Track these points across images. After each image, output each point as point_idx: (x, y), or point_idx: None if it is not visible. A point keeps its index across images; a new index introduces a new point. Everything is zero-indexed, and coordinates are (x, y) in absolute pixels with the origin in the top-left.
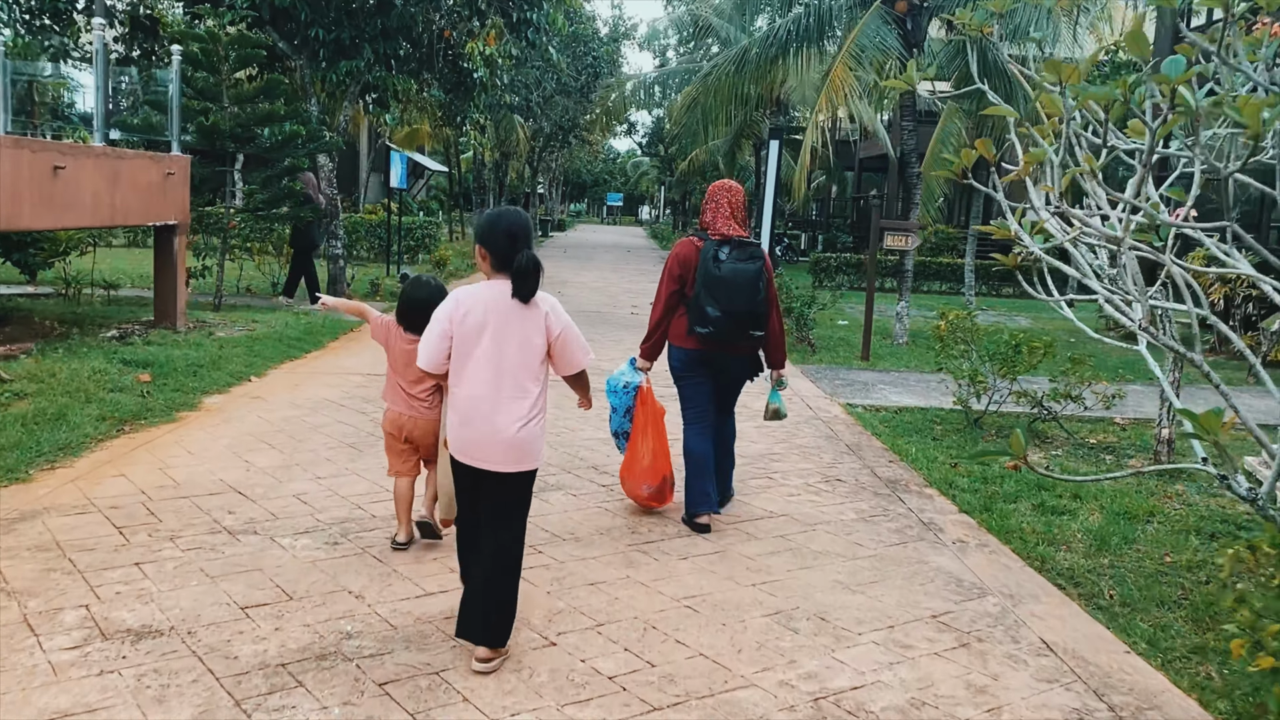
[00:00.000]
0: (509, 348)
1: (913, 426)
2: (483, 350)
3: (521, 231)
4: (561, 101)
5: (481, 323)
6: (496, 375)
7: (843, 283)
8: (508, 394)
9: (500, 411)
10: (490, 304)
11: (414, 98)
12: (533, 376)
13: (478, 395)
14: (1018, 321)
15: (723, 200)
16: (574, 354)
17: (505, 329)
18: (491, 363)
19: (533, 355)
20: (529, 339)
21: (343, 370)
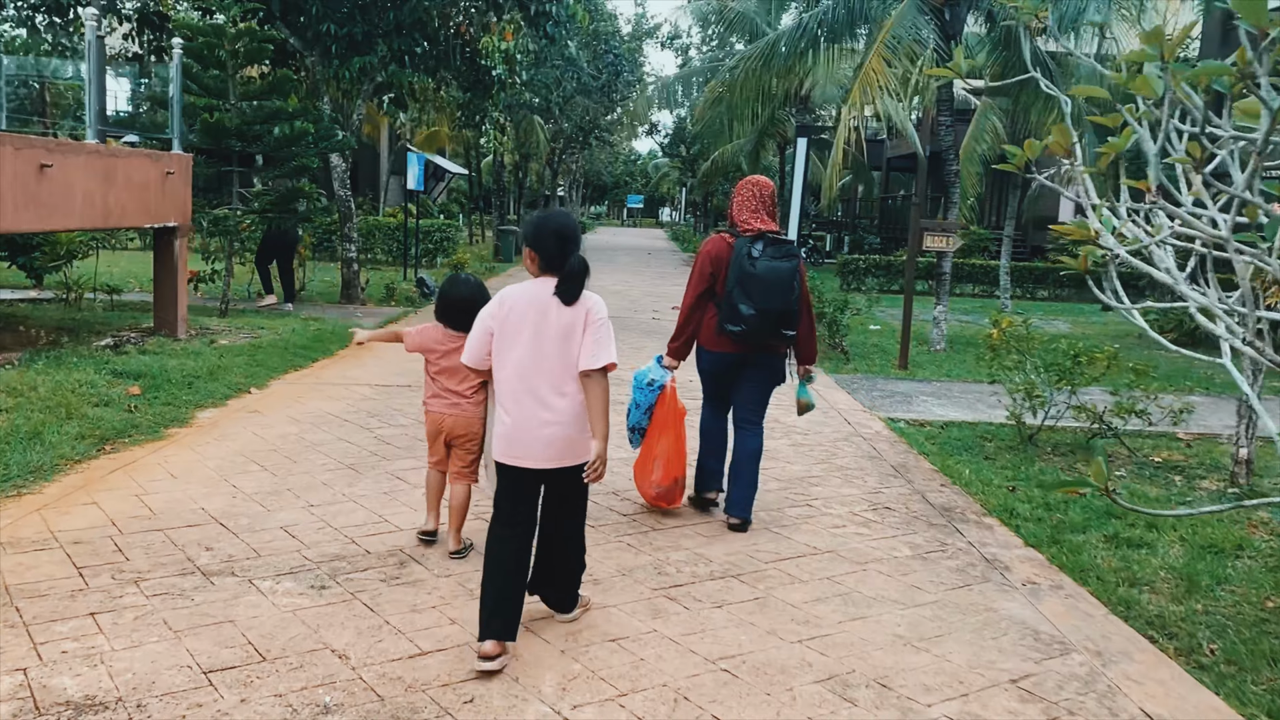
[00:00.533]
0: (551, 346)
1: (961, 444)
2: (525, 348)
3: (570, 233)
4: (582, 101)
5: (524, 321)
6: (538, 373)
7: (872, 285)
8: (549, 392)
9: (542, 409)
10: (534, 303)
11: (431, 97)
12: (574, 375)
13: (519, 393)
14: (1056, 326)
15: (752, 195)
16: (598, 347)
17: (548, 328)
18: (533, 361)
19: (573, 354)
20: (571, 338)
21: (349, 381)
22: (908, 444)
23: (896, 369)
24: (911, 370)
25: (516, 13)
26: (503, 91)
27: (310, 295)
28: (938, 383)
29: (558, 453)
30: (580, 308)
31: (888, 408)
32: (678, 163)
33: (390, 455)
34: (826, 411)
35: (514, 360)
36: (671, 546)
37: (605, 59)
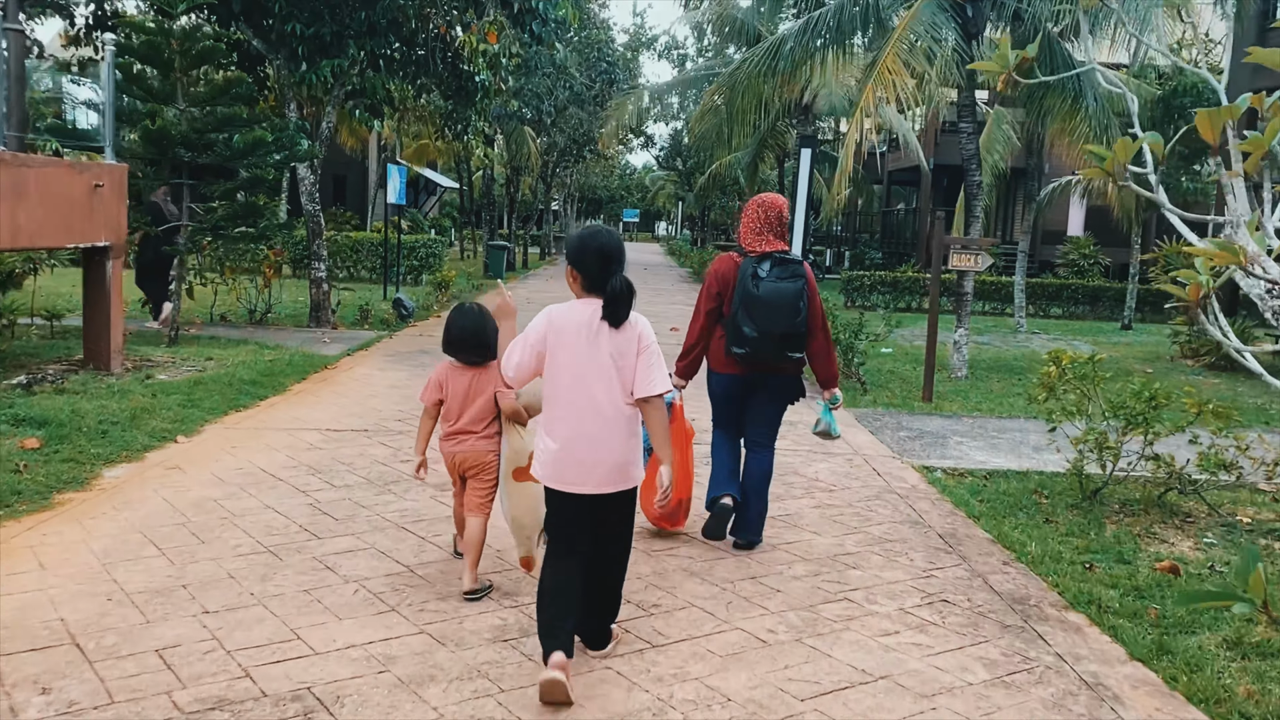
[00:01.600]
0: (601, 370)
1: (1012, 500)
2: (576, 373)
3: (614, 252)
4: (575, 113)
5: (572, 343)
6: (591, 399)
7: (878, 303)
8: (606, 416)
9: (598, 434)
10: (581, 325)
11: (412, 105)
12: (626, 398)
13: (573, 420)
14: (1078, 347)
15: (757, 216)
16: (653, 373)
17: (597, 351)
18: (586, 386)
19: (625, 378)
20: (622, 361)
21: (297, 425)
22: (951, 503)
23: (920, 402)
24: (937, 403)
25: (499, 11)
26: (487, 99)
27: (277, 318)
28: (969, 419)
29: (608, 478)
30: (631, 331)
31: (919, 452)
32: (674, 176)
33: (323, 531)
34: (851, 458)
35: (563, 383)
36: (676, 676)
37: (598, 67)
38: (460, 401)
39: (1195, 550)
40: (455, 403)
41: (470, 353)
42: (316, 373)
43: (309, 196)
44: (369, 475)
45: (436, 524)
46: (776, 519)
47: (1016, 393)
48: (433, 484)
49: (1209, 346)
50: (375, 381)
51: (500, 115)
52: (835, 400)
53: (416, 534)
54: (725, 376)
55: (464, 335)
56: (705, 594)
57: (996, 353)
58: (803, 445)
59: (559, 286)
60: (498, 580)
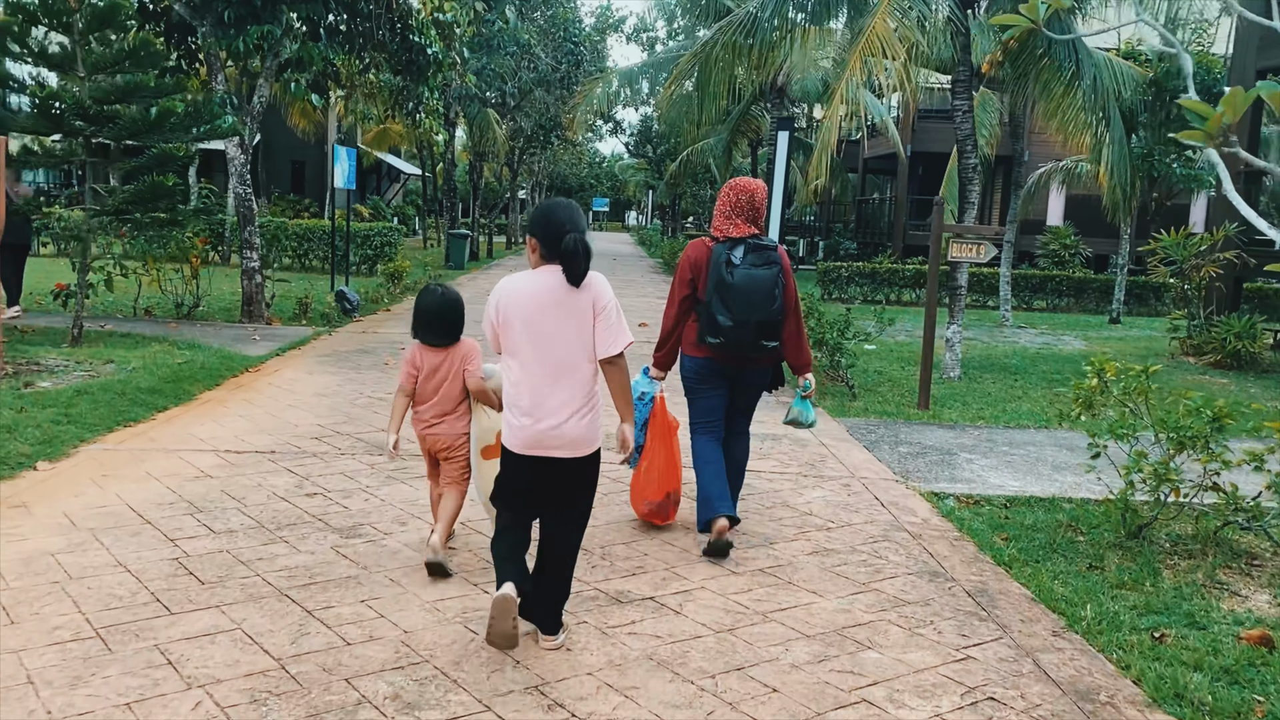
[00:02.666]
0: (559, 334)
1: (1044, 538)
2: (532, 338)
3: (568, 216)
4: (541, 96)
5: (528, 311)
6: (548, 362)
7: (855, 295)
8: (564, 381)
9: (556, 398)
10: (537, 291)
11: (360, 81)
12: (587, 360)
13: (532, 384)
14: (1068, 342)
15: (730, 200)
16: (613, 333)
17: (554, 315)
18: (542, 350)
19: (585, 339)
20: (579, 323)
21: (193, 444)
22: (975, 544)
23: (915, 410)
24: (934, 410)
25: None
26: (440, 73)
27: (208, 312)
28: (974, 430)
29: (572, 442)
30: (586, 293)
31: (925, 474)
32: (644, 163)
33: (180, 602)
34: (848, 482)
35: (521, 350)
36: None
37: (564, 48)
38: (431, 383)
39: (1275, 606)
40: (426, 384)
41: (437, 335)
42: (234, 377)
43: (239, 178)
44: (260, 516)
45: (330, 588)
46: (767, 571)
47: (1017, 396)
48: (336, 526)
49: (1213, 343)
50: (300, 388)
51: (461, 96)
52: (807, 387)
53: (302, 605)
54: (697, 358)
55: (429, 317)
56: (676, 698)
57: (985, 349)
58: (790, 467)
59: None
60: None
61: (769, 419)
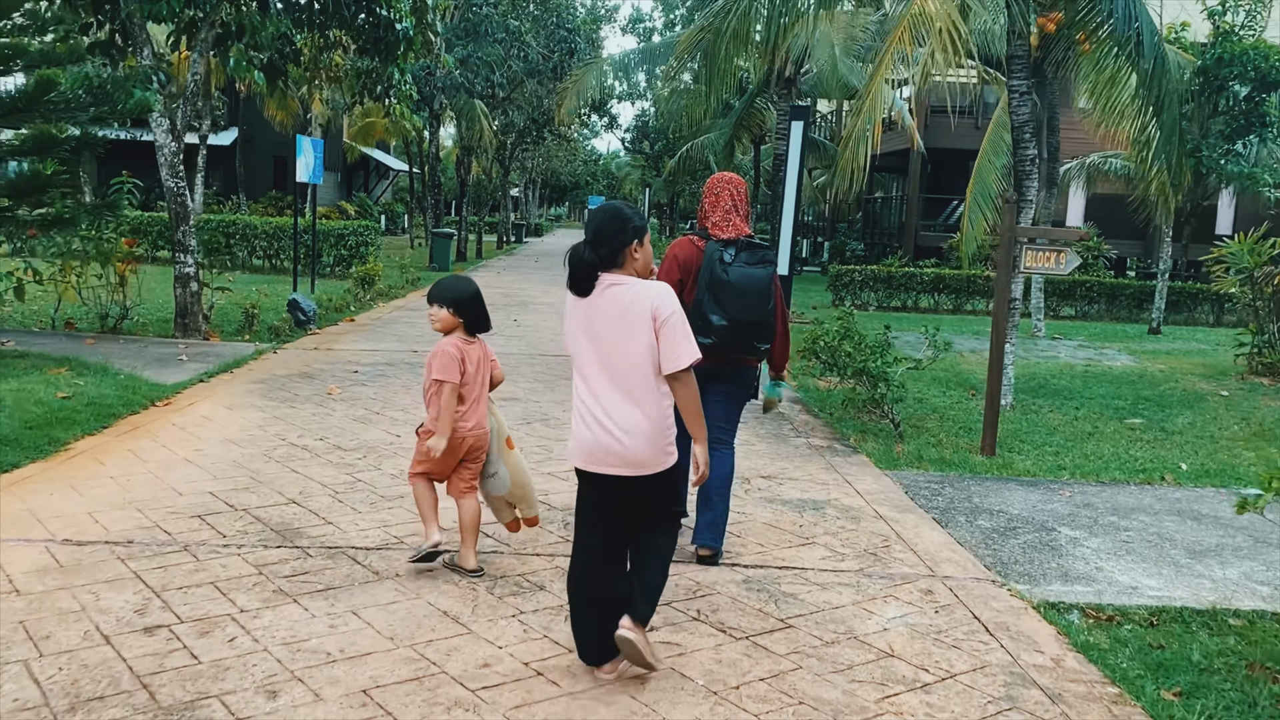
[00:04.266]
0: (619, 345)
1: (1232, 690)
2: (591, 350)
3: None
4: (531, 86)
5: (587, 320)
6: (610, 374)
7: (868, 300)
8: (626, 395)
9: (626, 413)
10: (591, 306)
11: (325, 63)
12: (651, 374)
13: (600, 399)
14: (1112, 358)
15: (725, 194)
16: (676, 346)
17: (613, 326)
18: (603, 362)
19: (648, 351)
20: (640, 334)
21: (20, 529)
22: (1142, 709)
23: (979, 456)
24: (1002, 456)
25: None
26: (411, 51)
27: (136, 325)
28: (1061, 487)
29: (634, 460)
30: (644, 303)
31: (1027, 568)
32: (641, 160)
33: None
34: (930, 588)
35: (583, 362)
36: None
37: (557, 35)
38: (476, 377)
39: None
40: (472, 379)
41: (487, 321)
42: (133, 415)
43: (169, 169)
44: (54, 679)
45: None
46: None
47: (1088, 432)
48: (165, 701)
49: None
50: (209, 431)
51: (446, 86)
52: (781, 384)
53: None
54: None
55: (480, 303)
56: None
57: (1028, 367)
58: (844, 559)
59: (510, 279)
60: None
61: (805, 478)
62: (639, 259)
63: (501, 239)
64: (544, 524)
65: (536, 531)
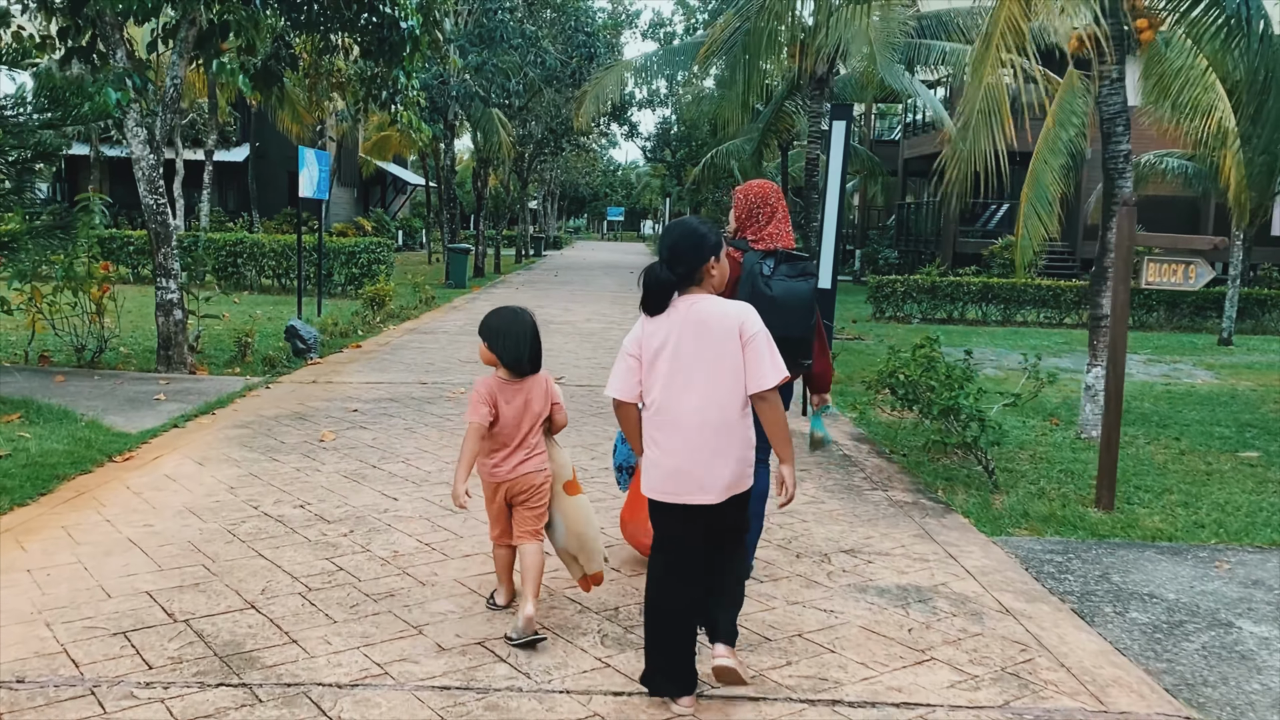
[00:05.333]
0: (704, 366)
1: None
2: (674, 371)
3: (674, 240)
4: (550, 95)
5: (669, 340)
6: (700, 396)
7: (911, 313)
8: (713, 419)
9: (709, 439)
10: (672, 327)
11: (326, 67)
12: (736, 395)
13: (685, 422)
14: (1189, 373)
15: (773, 202)
16: (763, 364)
17: (697, 345)
18: (686, 384)
19: (733, 373)
20: (725, 355)
21: None
22: None
23: (1093, 508)
24: (1120, 508)
25: None
26: (418, 52)
27: (116, 357)
28: (1218, 555)
29: (729, 484)
30: (731, 320)
31: (1226, 694)
32: (662, 169)
33: None
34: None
35: (662, 385)
36: None
37: (575, 39)
38: (515, 419)
39: None
40: (509, 421)
41: (533, 362)
42: (84, 474)
43: (148, 184)
44: None
45: None
46: None
47: (1203, 471)
48: None
49: None
50: (171, 495)
51: (460, 95)
52: (826, 408)
53: None
54: None
55: (525, 341)
56: None
57: None
58: (980, 684)
59: (528, 296)
60: None
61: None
62: (715, 275)
63: (520, 252)
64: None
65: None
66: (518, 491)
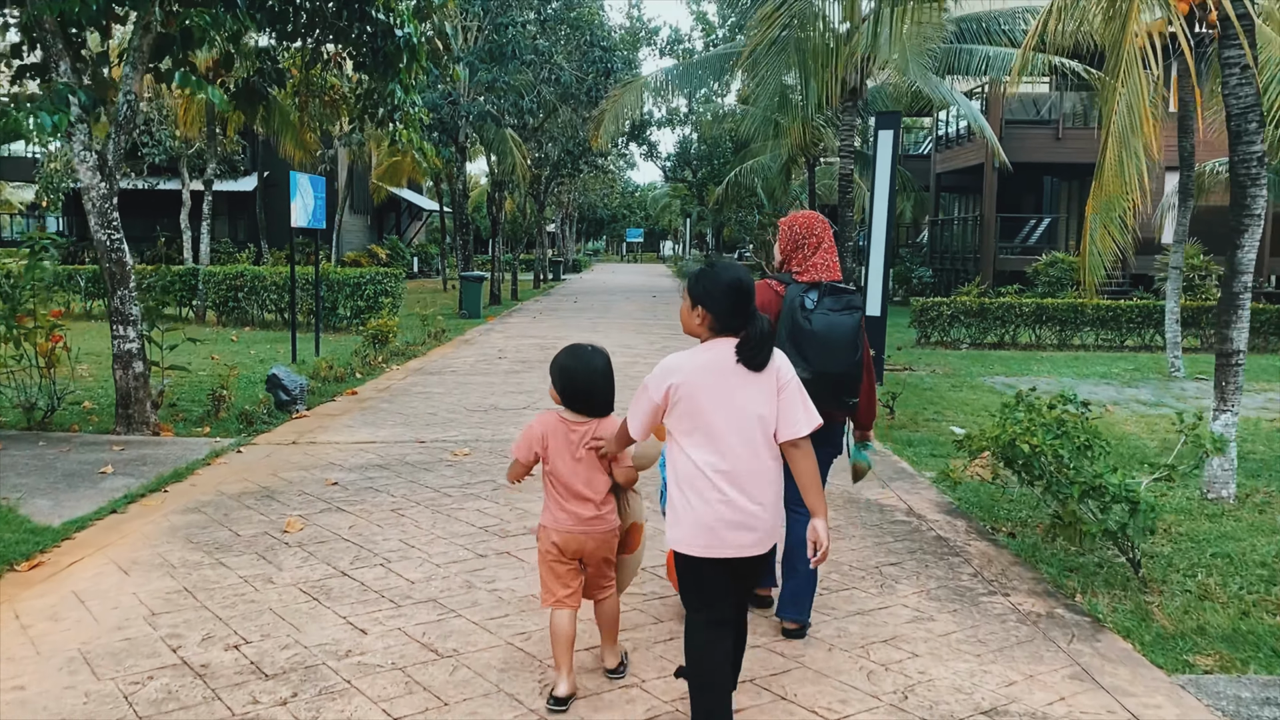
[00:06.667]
0: (739, 419)
1: None
2: (711, 423)
3: (745, 288)
4: (566, 114)
5: (704, 392)
6: (731, 451)
7: (958, 338)
8: (747, 471)
9: (743, 491)
10: (712, 370)
11: (317, 82)
12: (770, 444)
13: (712, 475)
14: None
15: (824, 235)
16: (797, 410)
17: (736, 397)
18: (723, 436)
19: (768, 419)
20: (760, 405)
21: None
22: None
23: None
24: None
25: None
26: (416, 62)
27: (72, 415)
28: None
29: (759, 538)
30: (769, 371)
31: None
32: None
33: None
34: None
35: (700, 438)
36: None
37: (591, 54)
38: (575, 465)
39: None
40: (568, 467)
41: (604, 403)
42: None
43: (99, 217)
44: None
45: None
46: None
47: None
48: None
49: None
50: (67, 631)
51: (469, 114)
52: (868, 445)
53: None
54: None
55: (593, 381)
56: None
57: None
58: None
59: (548, 325)
60: None
61: (1055, 707)
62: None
63: (538, 277)
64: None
65: None
66: (576, 551)
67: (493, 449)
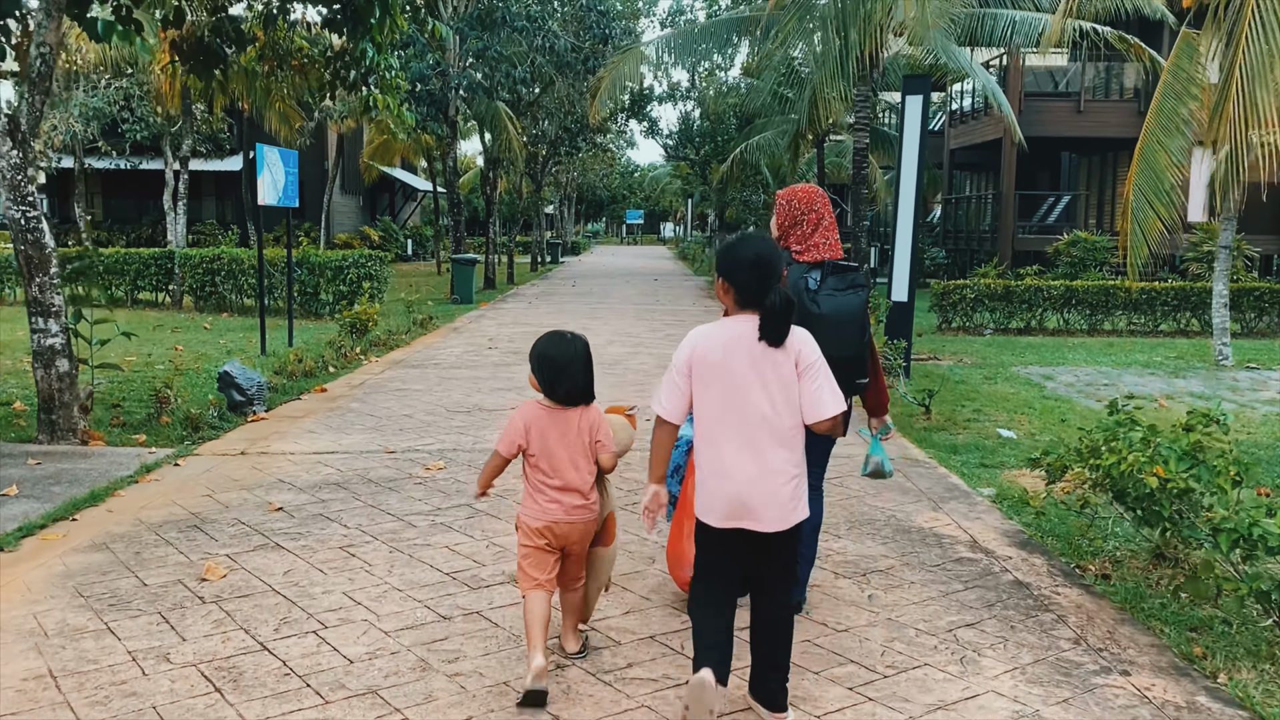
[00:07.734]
0: (762, 394)
1: None
2: (732, 399)
3: (769, 260)
4: (562, 87)
5: (726, 365)
6: (752, 426)
7: (983, 322)
8: (767, 445)
9: (762, 466)
10: (733, 345)
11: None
12: (792, 422)
13: (734, 449)
14: None
15: (824, 210)
16: (823, 394)
17: (755, 373)
18: (744, 412)
19: (790, 398)
20: (782, 382)
21: None
22: None
23: None
24: None
25: None
26: (390, 19)
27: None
28: None
29: (784, 514)
30: (790, 348)
31: None
32: (685, 167)
33: None
34: None
35: (716, 410)
36: None
37: (587, 20)
38: (561, 454)
39: None
40: (553, 456)
41: (583, 392)
42: None
43: (13, 191)
44: None
45: None
46: None
47: None
48: None
49: None
50: None
51: (457, 87)
52: (885, 430)
53: None
54: None
55: (572, 372)
56: None
57: (1263, 422)
58: None
59: (544, 311)
60: None
61: None
62: None
63: (535, 260)
64: None
65: None
66: (574, 539)
67: (471, 461)
